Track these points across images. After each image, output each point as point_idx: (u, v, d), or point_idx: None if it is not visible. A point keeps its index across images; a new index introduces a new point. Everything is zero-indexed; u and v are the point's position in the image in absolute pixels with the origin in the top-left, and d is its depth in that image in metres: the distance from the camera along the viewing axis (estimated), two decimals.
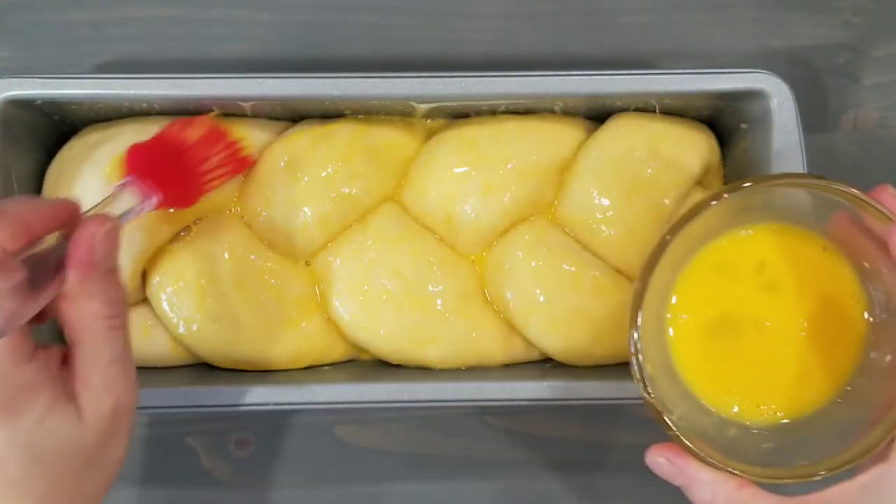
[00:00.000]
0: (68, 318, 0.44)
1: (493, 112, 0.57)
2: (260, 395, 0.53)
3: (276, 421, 0.62)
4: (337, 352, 0.58)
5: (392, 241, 0.56)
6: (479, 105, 0.56)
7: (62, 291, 0.43)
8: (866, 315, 0.48)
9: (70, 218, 0.44)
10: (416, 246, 0.56)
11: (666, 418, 0.45)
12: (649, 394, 0.45)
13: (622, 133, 0.57)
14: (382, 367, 0.58)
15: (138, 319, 0.56)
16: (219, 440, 0.62)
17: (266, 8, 0.63)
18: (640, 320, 0.45)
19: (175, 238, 0.56)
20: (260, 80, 0.53)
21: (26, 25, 0.62)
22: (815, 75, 0.64)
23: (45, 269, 0.42)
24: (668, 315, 0.48)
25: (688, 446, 0.45)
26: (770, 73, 0.54)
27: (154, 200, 0.49)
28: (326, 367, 0.58)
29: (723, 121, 0.58)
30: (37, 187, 0.56)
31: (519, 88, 0.54)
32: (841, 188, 0.44)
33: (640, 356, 0.45)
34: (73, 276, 0.42)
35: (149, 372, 0.56)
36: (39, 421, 0.42)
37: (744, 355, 0.48)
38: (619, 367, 0.57)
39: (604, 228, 0.56)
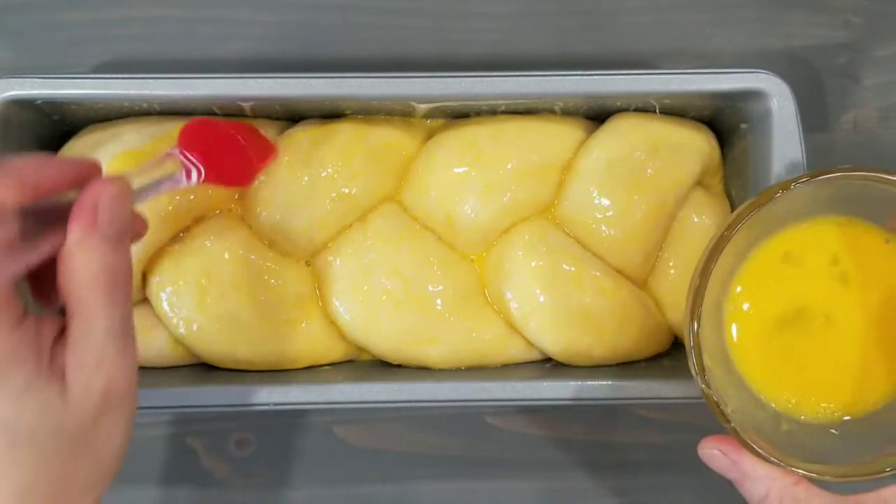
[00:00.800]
0: (64, 283, 0.40)
1: (493, 112, 0.57)
2: (260, 395, 0.53)
3: (276, 421, 0.62)
4: (337, 352, 0.58)
5: (392, 241, 0.56)
6: (479, 105, 0.56)
7: (62, 253, 0.40)
8: None
9: (88, 178, 0.41)
10: (416, 246, 0.56)
11: (723, 410, 0.45)
12: (707, 385, 0.45)
13: (622, 133, 0.57)
14: (382, 367, 0.58)
15: (138, 319, 0.56)
16: (219, 440, 0.62)
17: (266, 8, 0.63)
18: (700, 312, 0.45)
19: (175, 238, 0.56)
20: (260, 80, 0.53)
21: (26, 25, 0.62)
22: (815, 75, 0.64)
23: (49, 227, 0.39)
24: (729, 306, 0.48)
25: (743, 440, 0.45)
26: (770, 73, 0.54)
27: (197, 174, 0.49)
28: (326, 367, 0.58)
29: (723, 121, 0.58)
30: None
31: (519, 88, 0.54)
32: None
33: (699, 348, 0.45)
34: (71, 234, 0.39)
35: (149, 372, 0.56)
36: (17, 397, 0.38)
37: (807, 350, 0.48)
38: (620, 367, 0.57)
39: (604, 228, 0.56)
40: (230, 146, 0.52)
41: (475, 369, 0.57)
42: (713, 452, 0.46)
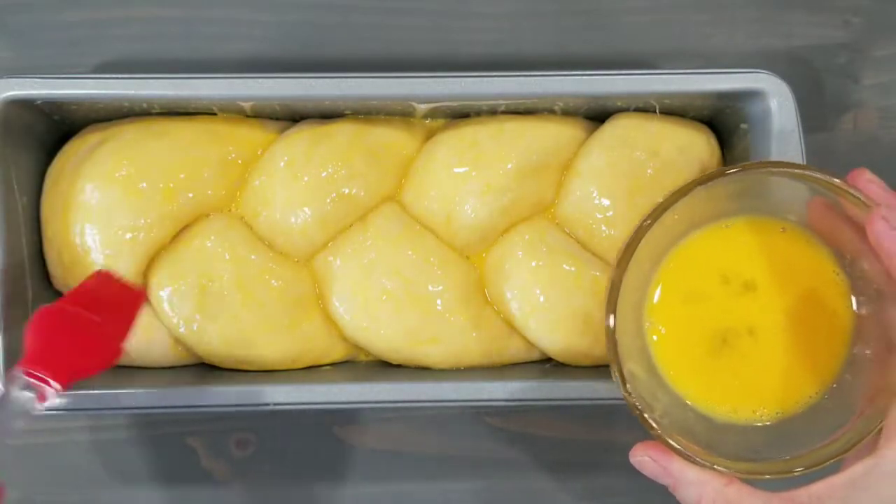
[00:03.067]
0: None
1: (493, 112, 0.57)
2: (260, 395, 0.53)
3: (276, 421, 0.62)
4: (337, 352, 0.58)
5: (392, 241, 0.56)
6: (479, 105, 0.56)
7: None
8: (849, 307, 0.47)
9: None
10: (416, 246, 0.56)
11: (647, 417, 0.44)
12: (629, 392, 0.44)
13: (622, 133, 0.57)
14: (382, 367, 0.58)
15: (138, 319, 0.56)
16: (219, 440, 0.62)
17: (266, 8, 0.63)
18: (615, 315, 0.44)
19: (175, 238, 0.56)
20: (260, 80, 0.53)
21: (26, 25, 0.62)
22: (815, 75, 0.64)
23: None
24: (648, 308, 0.47)
25: (671, 445, 0.44)
26: (770, 73, 0.54)
27: (53, 391, 0.43)
28: (326, 367, 0.58)
29: (723, 121, 0.58)
30: (37, 187, 0.56)
31: (519, 88, 0.54)
32: (816, 174, 0.43)
33: (618, 351, 0.44)
34: None
35: (149, 372, 0.56)
36: None
37: (727, 352, 0.47)
38: None
39: (604, 228, 0.56)
40: (85, 330, 0.45)
41: (475, 369, 0.57)
42: (644, 459, 0.46)
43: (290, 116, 0.58)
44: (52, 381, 0.44)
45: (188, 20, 0.63)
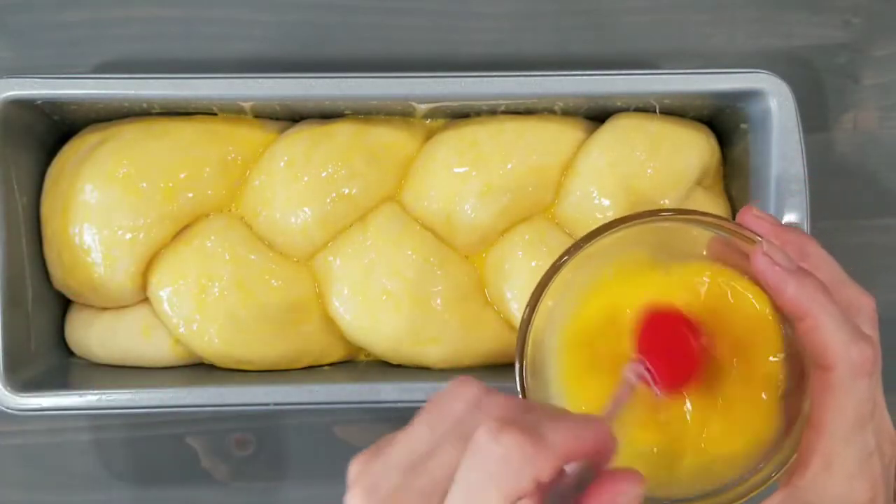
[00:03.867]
0: None
1: (493, 112, 0.57)
2: (260, 395, 0.53)
3: (276, 421, 0.62)
4: (337, 352, 0.58)
5: (392, 241, 0.56)
6: (479, 105, 0.56)
7: None
8: (777, 344, 0.44)
9: (604, 453, 0.37)
10: (416, 246, 0.56)
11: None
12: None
13: (622, 133, 0.57)
14: (382, 367, 0.58)
15: (138, 319, 0.56)
16: (219, 440, 0.62)
17: (266, 8, 0.63)
18: (525, 355, 0.43)
19: (176, 238, 0.56)
20: (260, 80, 0.53)
21: (26, 25, 0.62)
22: (815, 75, 0.64)
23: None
24: (557, 353, 0.45)
25: None
26: (770, 74, 0.54)
27: (654, 381, 0.43)
28: (326, 367, 0.58)
29: (723, 121, 0.58)
30: (37, 187, 0.56)
31: (519, 88, 0.54)
32: (705, 219, 0.43)
33: (527, 393, 0.43)
34: None
35: (149, 372, 0.56)
36: None
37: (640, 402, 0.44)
38: None
39: None
40: (680, 346, 0.44)
41: (475, 369, 0.57)
42: None
43: (290, 116, 0.58)
44: (655, 375, 0.43)
45: (188, 20, 0.62)
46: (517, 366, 0.44)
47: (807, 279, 0.41)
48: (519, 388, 0.44)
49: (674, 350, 0.43)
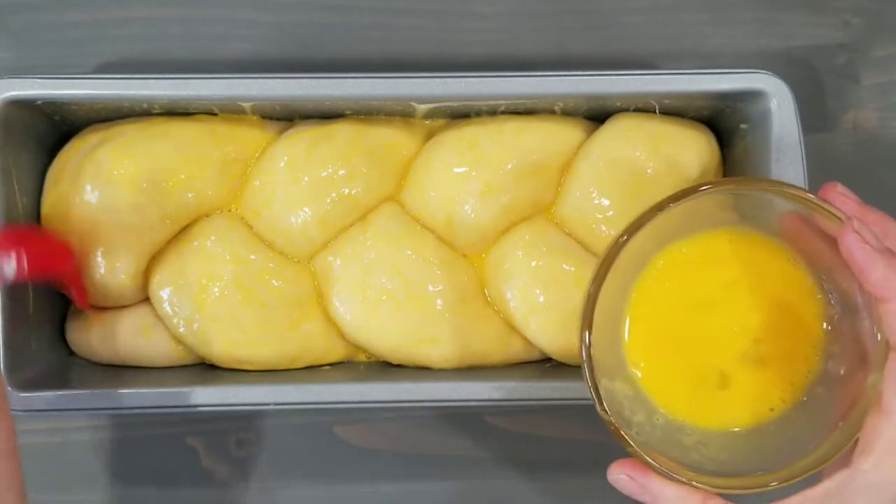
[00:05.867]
0: None
1: (493, 112, 0.57)
2: (260, 395, 0.53)
3: (276, 421, 0.62)
4: (337, 352, 0.58)
5: (392, 241, 0.56)
6: (479, 105, 0.56)
7: None
8: (823, 323, 0.46)
9: None
10: (417, 246, 0.56)
11: (624, 434, 0.44)
12: (605, 410, 0.44)
13: (622, 133, 0.57)
14: (382, 367, 0.58)
15: (139, 319, 0.56)
16: (219, 440, 0.62)
17: (266, 8, 0.63)
18: (592, 331, 0.44)
19: (176, 238, 0.56)
20: (260, 80, 0.53)
21: (26, 25, 0.62)
22: (815, 75, 0.64)
23: None
24: (625, 322, 0.47)
25: (648, 462, 0.44)
26: (770, 74, 0.54)
27: (12, 260, 0.48)
28: (326, 367, 0.58)
29: (723, 121, 0.58)
30: (37, 187, 0.56)
31: (519, 88, 0.54)
32: (790, 190, 0.43)
33: (595, 368, 0.44)
34: None
35: (149, 372, 0.56)
36: None
37: (702, 365, 0.47)
38: None
39: (604, 228, 0.56)
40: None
41: (475, 369, 0.57)
42: (621, 477, 0.45)
43: (290, 116, 0.58)
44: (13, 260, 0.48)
45: (188, 20, 0.63)
46: (585, 339, 0.44)
47: (894, 260, 0.41)
48: (586, 366, 0.44)
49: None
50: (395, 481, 0.62)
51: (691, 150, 0.57)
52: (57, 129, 0.57)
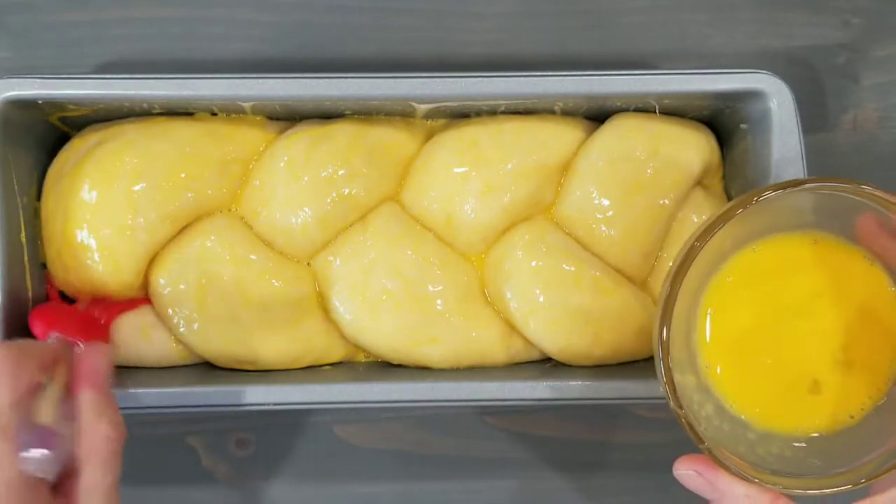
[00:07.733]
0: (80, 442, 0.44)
1: (493, 112, 0.57)
2: (260, 395, 0.53)
3: (276, 421, 0.62)
4: (337, 352, 0.58)
5: (392, 241, 0.56)
6: (479, 105, 0.56)
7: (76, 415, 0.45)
8: None
9: (56, 357, 0.46)
10: (416, 246, 0.56)
11: (696, 430, 0.44)
12: (679, 407, 0.44)
13: (622, 133, 0.57)
14: (382, 367, 0.58)
15: (139, 319, 0.56)
16: (219, 440, 0.62)
17: (266, 8, 0.63)
18: (669, 330, 0.44)
19: (176, 238, 0.56)
20: (260, 80, 0.53)
21: (26, 25, 0.62)
22: (815, 75, 0.64)
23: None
24: (699, 323, 0.47)
25: (718, 459, 0.44)
26: (770, 74, 0.54)
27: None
28: (326, 367, 0.58)
29: (723, 121, 0.58)
30: (37, 187, 0.56)
31: (519, 88, 0.54)
32: (869, 190, 0.43)
33: (671, 367, 0.44)
34: (89, 395, 0.45)
35: (149, 372, 0.56)
36: None
37: (779, 366, 0.47)
38: (620, 367, 0.57)
39: (603, 228, 0.56)
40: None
41: (475, 369, 0.57)
42: (689, 473, 0.45)
43: (290, 116, 0.58)
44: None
45: (188, 20, 0.63)
46: (662, 335, 0.44)
47: None
48: (661, 362, 0.44)
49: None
50: (395, 481, 0.62)
51: (691, 149, 0.57)
52: (57, 129, 0.57)
